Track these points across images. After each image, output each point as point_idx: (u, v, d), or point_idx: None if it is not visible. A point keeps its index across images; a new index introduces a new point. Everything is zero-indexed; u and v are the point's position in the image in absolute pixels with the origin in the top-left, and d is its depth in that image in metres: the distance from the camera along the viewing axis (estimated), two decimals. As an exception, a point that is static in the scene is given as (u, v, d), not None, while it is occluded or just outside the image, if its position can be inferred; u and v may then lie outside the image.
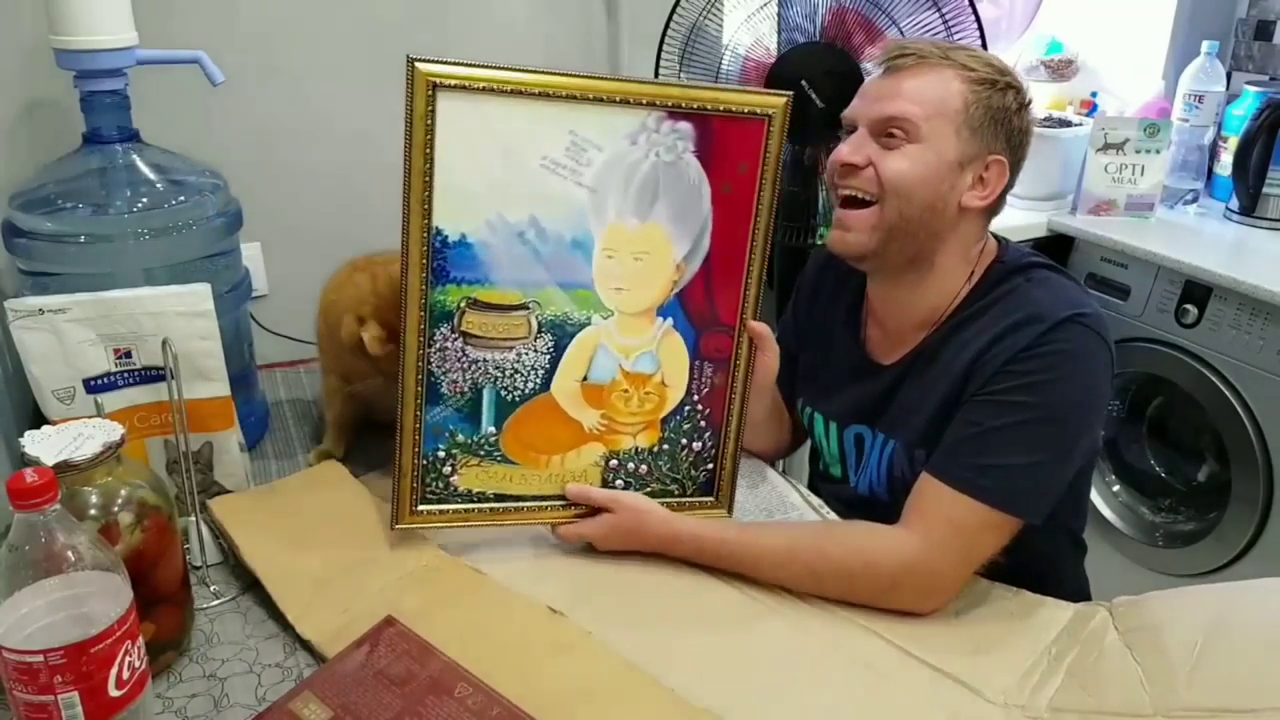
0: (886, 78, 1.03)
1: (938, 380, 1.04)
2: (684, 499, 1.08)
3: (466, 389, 1.00)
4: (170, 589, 0.89)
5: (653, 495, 1.06)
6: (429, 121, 0.91)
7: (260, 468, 1.22)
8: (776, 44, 1.46)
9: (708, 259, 1.01)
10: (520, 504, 1.04)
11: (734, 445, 1.08)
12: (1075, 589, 1.07)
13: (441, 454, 1.01)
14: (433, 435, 1.00)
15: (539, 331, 1.00)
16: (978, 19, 1.36)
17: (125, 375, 1.03)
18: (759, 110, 0.98)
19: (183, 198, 1.18)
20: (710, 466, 1.08)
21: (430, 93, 0.90)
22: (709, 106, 0.96)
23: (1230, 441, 1.87)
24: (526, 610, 0.95)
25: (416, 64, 0.90)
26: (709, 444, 1.07)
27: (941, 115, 1.01)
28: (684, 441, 1.06)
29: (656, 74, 1.48)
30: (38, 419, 1.02)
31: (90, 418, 0.89)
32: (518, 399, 1.01)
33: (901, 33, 1.37)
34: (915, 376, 1.08)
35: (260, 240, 1.51)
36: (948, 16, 1.35)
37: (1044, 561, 1.08)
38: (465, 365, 0.99)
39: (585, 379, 1.02)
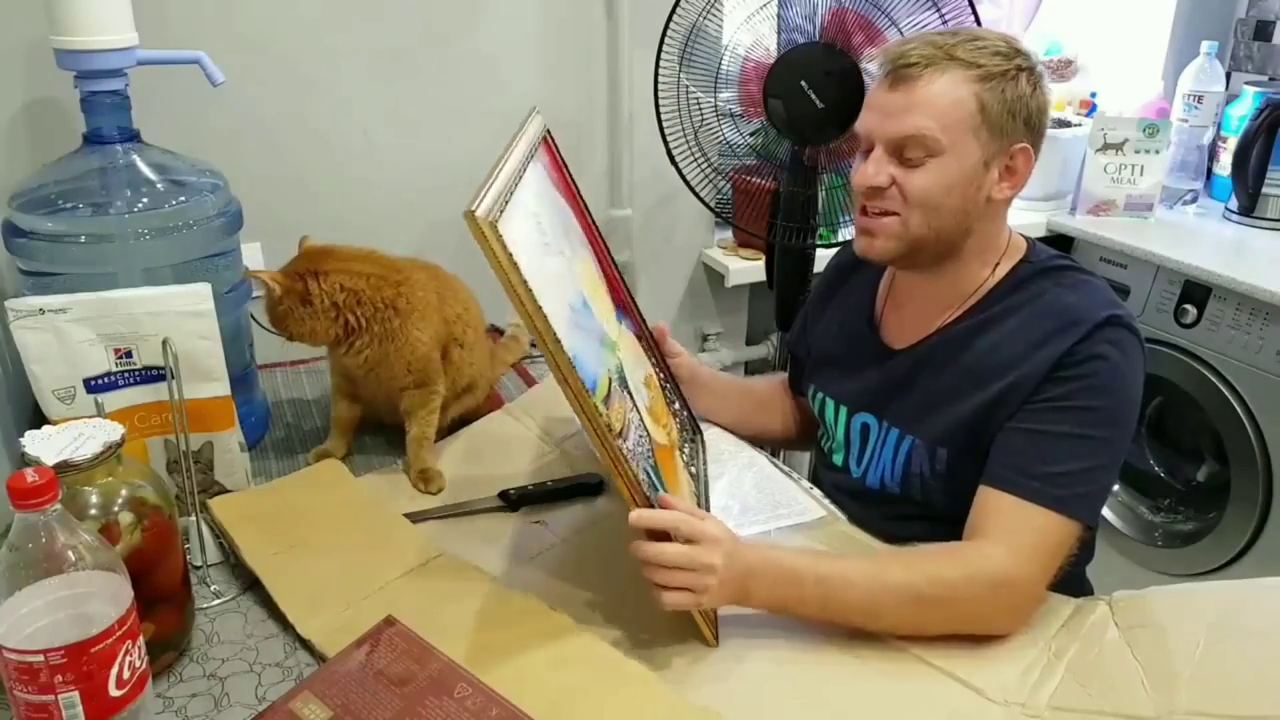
0: (895, 90, 1.00)
1: (962, 380, 1.04)
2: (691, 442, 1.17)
3: (647, 478, 0.91)
4: (170, 589, 0.89)
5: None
6: (509, 253, 0.78)
7: (260, 468, 1.22)
8: (776, 44, 1.46)
9: (596, 257, 1.12)
10: None
11: (673, 382, 1.23)
12: (1075, 591, 1.07)
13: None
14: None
15: (621, 392, 0.96)
16: (977, 19, 1.36)
17: (125, 375, 1.03)
18: (540, 134, 1.06)
19: (183, 198, 1.18)
20: (677, 405, 1.21)
21: (495, 231, 0.77)
22: (529, 149, 0.98)
23: (1230, 441, 1.87)
24: (526, 610, 0.95)
25: (474, 216, 0.76)
26: (676, 403, 1.19)
27: (959, 123, 0.99)
28: (669, 398, 1.17)
29: (656, 74, 1.48)
30: (38, 419, 1.02)
31: (91, 418, 0.89)
32: (653, 461, 0.96)
33: (901, 33, 1.37)
34: (933, 369, 1.08)
35: (260, 240, 1.51)
36: (947, 17, 1.35)
37: None
38: (636, 461, 0.90)
39: (642, 407, 1.02)
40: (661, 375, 1.20)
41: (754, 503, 1.15)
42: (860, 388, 1.15)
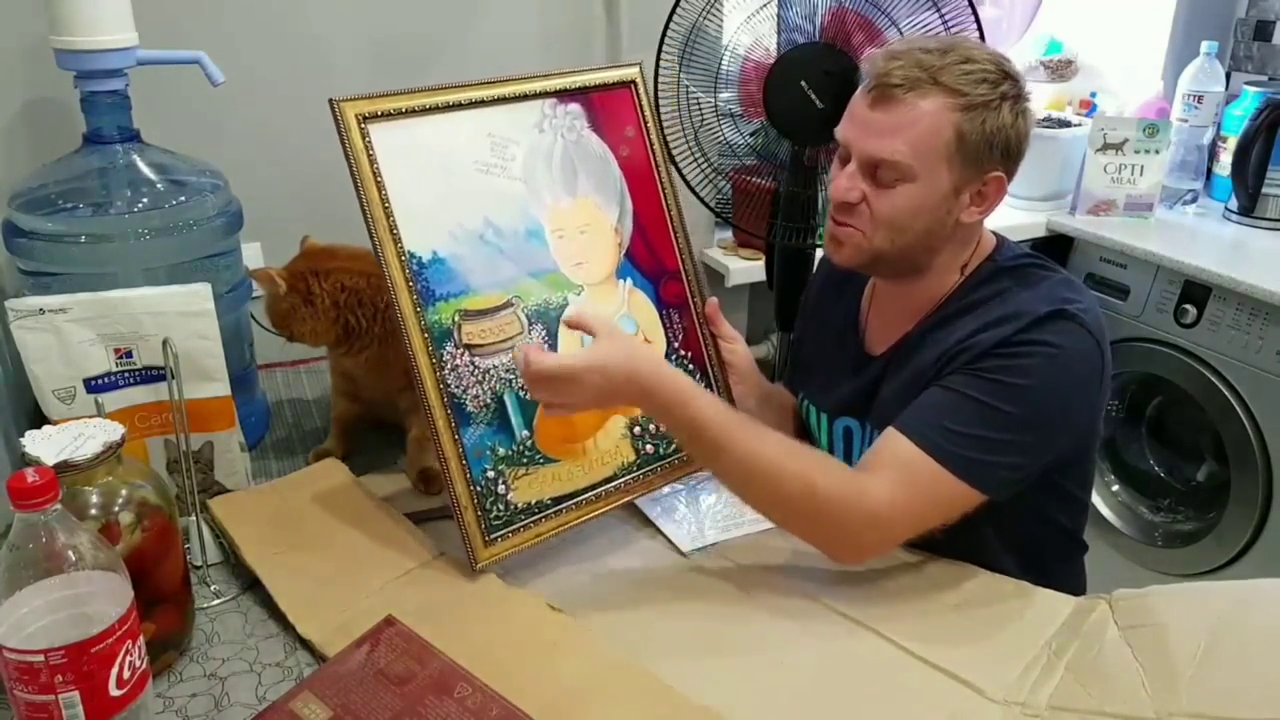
0: (876, 108, 0.99)
1: (917, 373, 1.04)
2: None
3: (489, 400, 1.00)
4: (171, 589, 0.89)
5: (680, 449, 1.09)
6: (370, 153, 0.96)
7: (260, 467, 1.22)
8: (776, 44, 1.46)
9: (635, 217, 1.12)
10: (577, 500, 1.04)
11: (724, 378, 1.17)
12: (1070, 588, 1.07)
13: (491, 474, 1.00)
14: (476, 458, 0.99)
15: (530, 324, 1.03)
16: (977, 19, 1.36)
17: (126, 375, 1.03)
18: (622, 80, 1.12)
19: (183, 198, 1.18)
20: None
21: (362, 126, 0.96)
22: (582, 85, 1.09)
23: (1229, 441, 1.87)
24: (526, 608, 0.95)
25: (341, 104, 0.96)
26: (703, 384, 1.12)
27: (933, 151, 0.98)
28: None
29: (656, 75, 1.48)
30: (38, 419, 1.02)
31: (91, 417, 0.90)
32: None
33: (901, 33, 1.37)
34: (896, 369, 1.09)
35: (260, 240, 1.50)
36: (947, 17, 1.35)
37: (1039, 558, 1.08)
38: (479, 378, 1.00)
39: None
40: (687, 354, 1.15)
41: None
42: (839, 394, 1.16)
